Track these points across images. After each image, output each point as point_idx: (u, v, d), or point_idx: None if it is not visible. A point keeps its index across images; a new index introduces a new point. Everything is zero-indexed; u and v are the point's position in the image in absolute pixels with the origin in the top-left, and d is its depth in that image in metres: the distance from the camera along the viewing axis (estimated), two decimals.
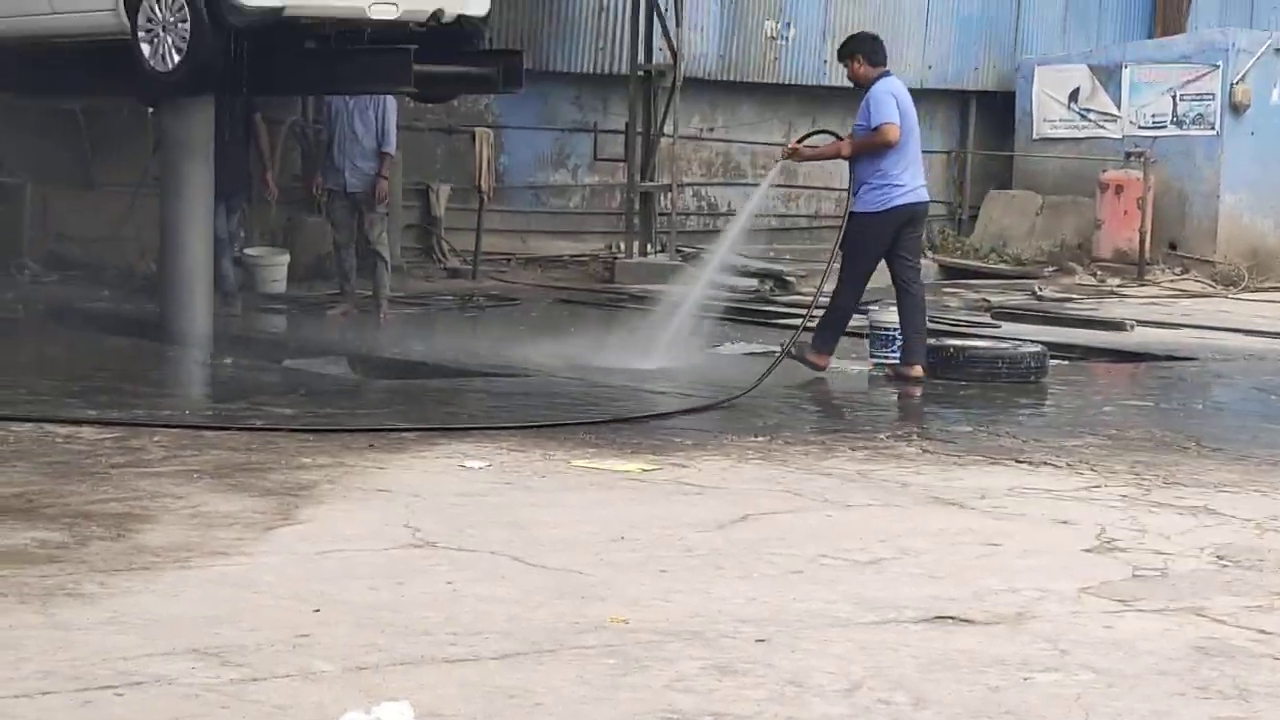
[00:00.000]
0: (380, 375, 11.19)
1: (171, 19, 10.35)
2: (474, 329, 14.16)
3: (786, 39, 19.65)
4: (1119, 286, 18.08)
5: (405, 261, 16.57)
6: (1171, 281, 18.51)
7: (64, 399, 9.10)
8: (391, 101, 13.49)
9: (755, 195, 13.14)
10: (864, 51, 11.16)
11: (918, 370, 10.95)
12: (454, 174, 17.60)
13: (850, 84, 11.50)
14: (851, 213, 11.09)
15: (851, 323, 11.47)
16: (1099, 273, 18.77)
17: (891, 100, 11.01)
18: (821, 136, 11.87)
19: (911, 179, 11.14)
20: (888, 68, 11.24)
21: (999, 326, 14.27)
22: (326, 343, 12.89)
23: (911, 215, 11.18)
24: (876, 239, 11.07)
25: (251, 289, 14.76)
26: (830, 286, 11.41)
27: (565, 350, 11.93)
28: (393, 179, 16.38)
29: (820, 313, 11.31)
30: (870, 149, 10.99)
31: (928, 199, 11.44)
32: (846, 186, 11.29)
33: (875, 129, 10.90)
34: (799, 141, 12.06)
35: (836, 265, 11.26)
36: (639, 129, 17.75)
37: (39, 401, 8.94)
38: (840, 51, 11.50)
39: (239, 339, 12.27)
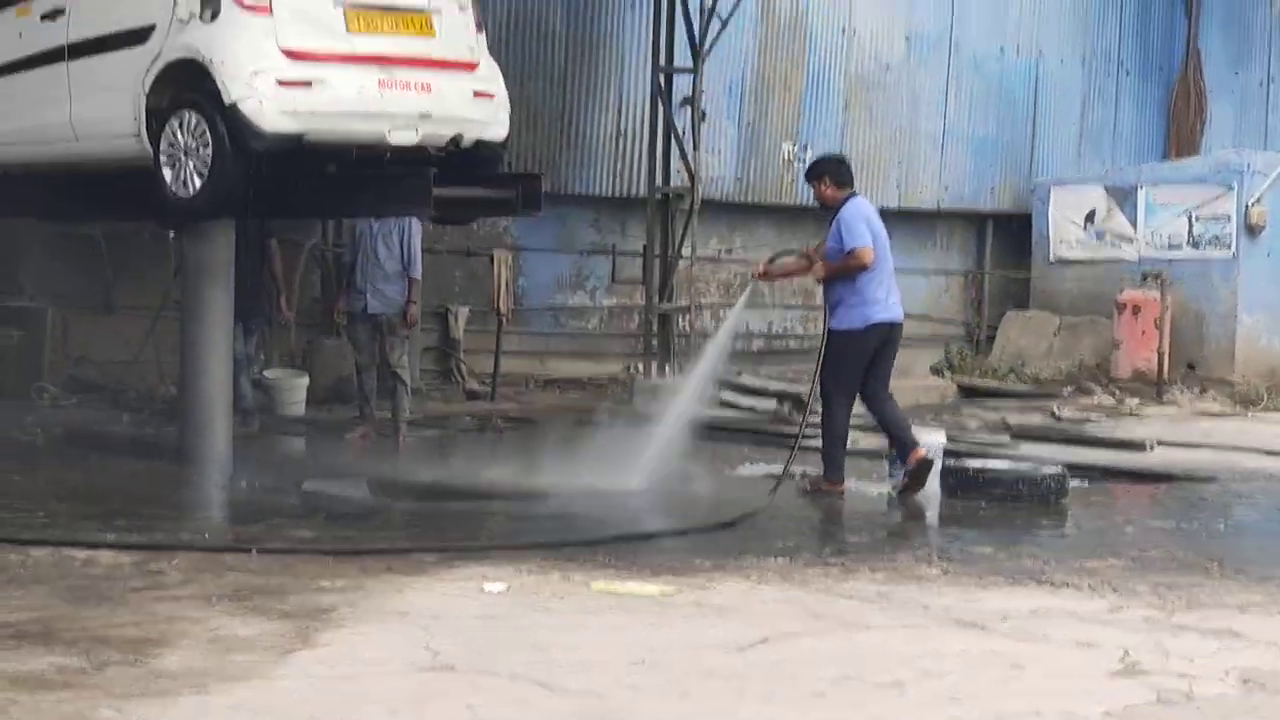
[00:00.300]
0: (399, 498, 11.17)
1: (193, 144, 10.44)
2: (492, 451, 14.14)
3: (803, 161, 19.74)
4: (1138, 407, 18.03)
5: (424, 384, 16.60)
6: (1190, 402, 18.46)
7: (82, 523, 9.09)
8: (416, 225, 13.58)
9: (729, 319, 13.20)
10: (830, 173, 11.46)
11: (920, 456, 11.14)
12: (473, 296, 17.68)
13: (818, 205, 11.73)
14: (832, 331, 11.29)
15: (867, 443, 11.51)
16: (1118, 393, 18.73)
17: (863, 223, 11.27)
18: (789, 255, 12.09)
19: (887, 296, 11.41)
20: (855, 189, 11.55)
21: (1018, 447, 14.23)
22: (345, 465, 12.88)
23: (889, 333, 11.44)
24: (858, 356, 11.30)
25: (271, 411, 14.78)
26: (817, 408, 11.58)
27: (583, 472, 11.91)
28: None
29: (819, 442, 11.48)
30: (845, 272, 11.23)
31: (903, 317, 11.67)
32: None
33: (849, 253, 11.16)
34: (768, 263, 12.24)
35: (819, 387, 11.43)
36: (657, 251, 17.82)
37: (57, 525, 8.94)
38: (807, 174, 11.78)
39: (258, 461, 12.27)
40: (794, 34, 19.64)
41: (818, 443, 11.69)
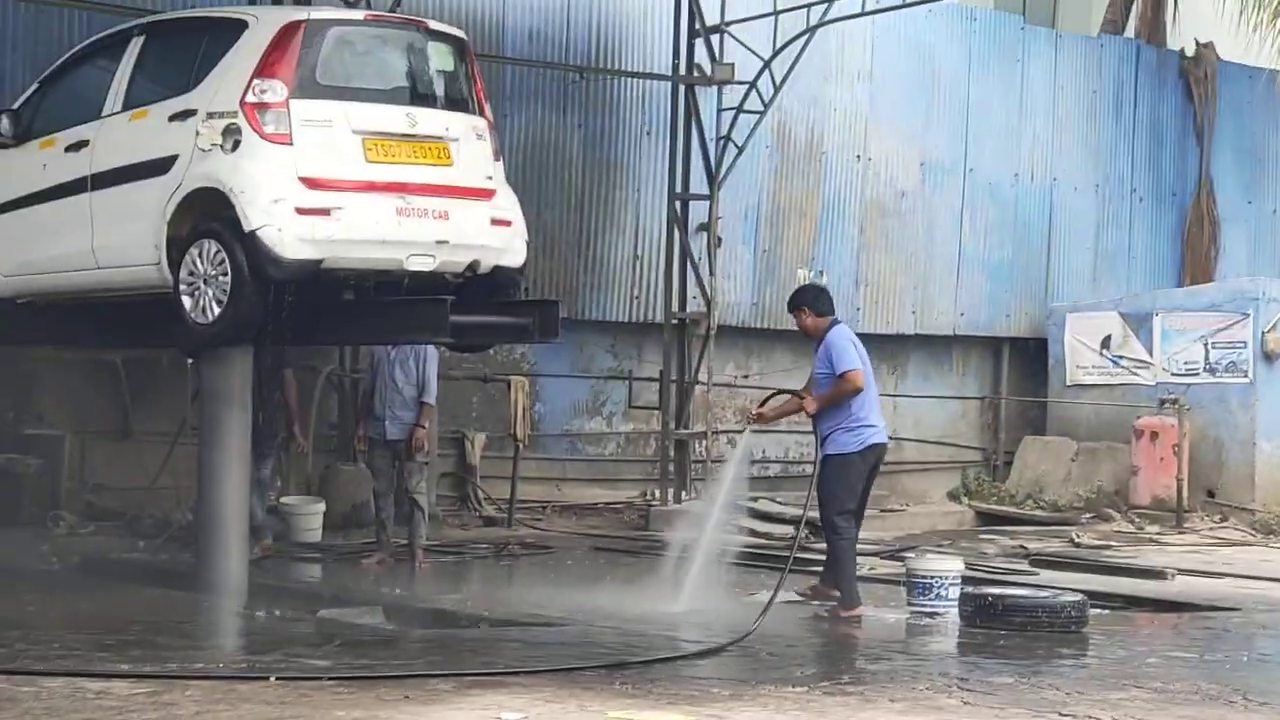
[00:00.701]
0: (416, 625, 11.11)
1: (213, 272, 10.52)
2: (509, 577, 14.09)
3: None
4: (1158, 534, 17.94)
5: (441, 509, 16.57)
6: (1210, 529, 18.36)
7: (97, 653, 9.04)
8: (432, 351, 13.65)
9: (730, 467, 13.17)
10: (809, 304, 11.84)
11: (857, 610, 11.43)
12: (490, 422, 17.69)
13: (799, 329, 12.04)
14: (828, 456, 11.52)
15: (885, 569, 11.53)
16: (1137, 519, 18.64)
17: (851, 346, 11.59)
18: (781, 397, 12.23)
19: (878, 419, 11.78)
20: (836, 316, 11.88)
21: (1037, 574, 14.14)
22: (362, 592, 12.83)
23: (880, 456, 11.87)
24: (858, 476, 11.65)
25: (287, 538, 14.75)
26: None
27: (600, 598, 11.87)
28: (430, 427, 16.52)
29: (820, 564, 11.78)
30: (839, 398, 11.49)
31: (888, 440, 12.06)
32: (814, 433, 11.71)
33: (841, 376, 11.43)
34: (761, 406, 12.42)
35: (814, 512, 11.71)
36: (674, 376, 17.86)
37: (71, 656, 8.89)
38: (789, 305, 12.10)
39: (274, 589, 12.22)
40: (810, 161, 19.78)
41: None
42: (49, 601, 11.76)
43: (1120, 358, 20.50)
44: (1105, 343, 20.61)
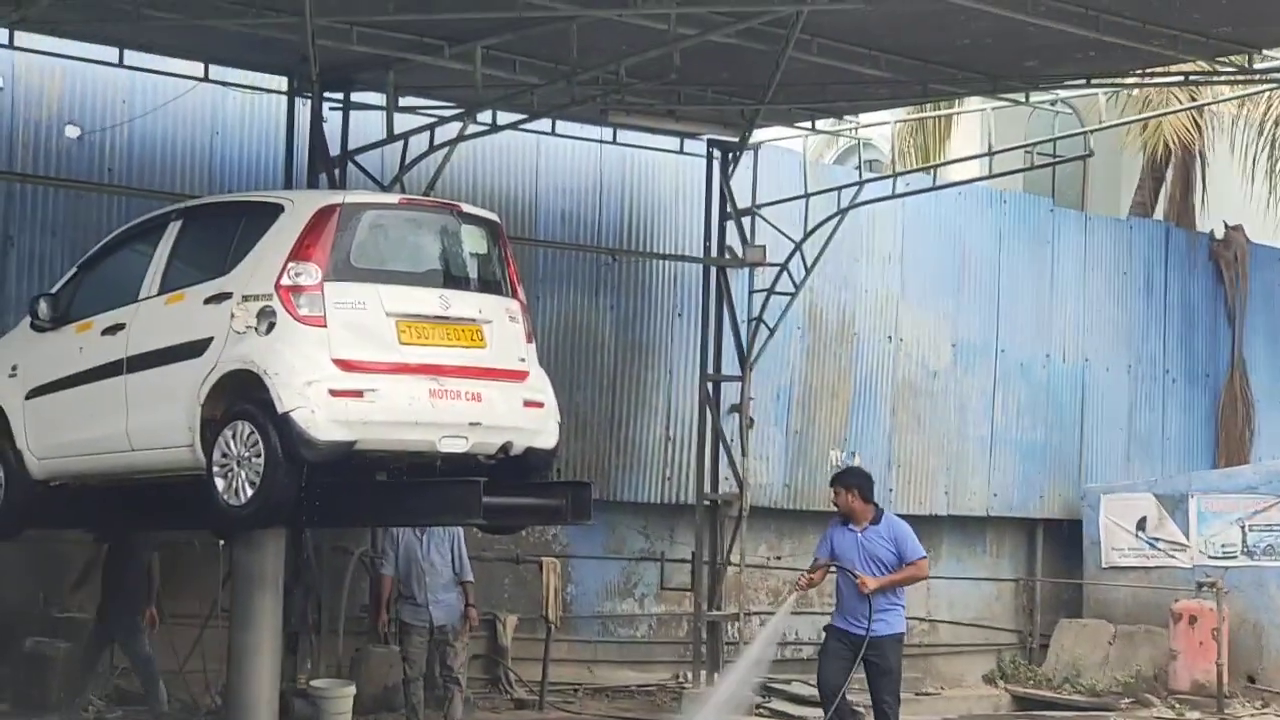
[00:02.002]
0: None
1: (246, 454, 10.52)
2: None
3: None
4: None
5: (471, 692, 16.40)
6: (1252, 716, 18.06)
7: None
8: (460, 529, 13.66)
9: (771, 626, 13.35)
10: (859, 486, 12.32)
11: None
12: (521, 604, 17.58)
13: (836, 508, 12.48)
14: (895, 634, 12.18)
15: None
16: (1177, 705, 18.36)
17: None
18: (841, 571, 12.39)
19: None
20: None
21: None
22: None
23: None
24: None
25: None
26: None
27: None
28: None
29: None
30: (908, 583, 12.40)
31: None
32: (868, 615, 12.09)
33: (914, 564, 12.19)
34: (811, 573, 12.62)
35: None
36: (706, 558, 17.76)
37: None
38: (835, 480, 12.51)
39: None
40: (841, 341, 19.85)
41: None
42: None
43: (1156, 540, 20.34)
44: (1140, 524, 20.46)
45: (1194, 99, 20.85)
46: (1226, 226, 23.08)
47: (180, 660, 14.89)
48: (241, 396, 10.55)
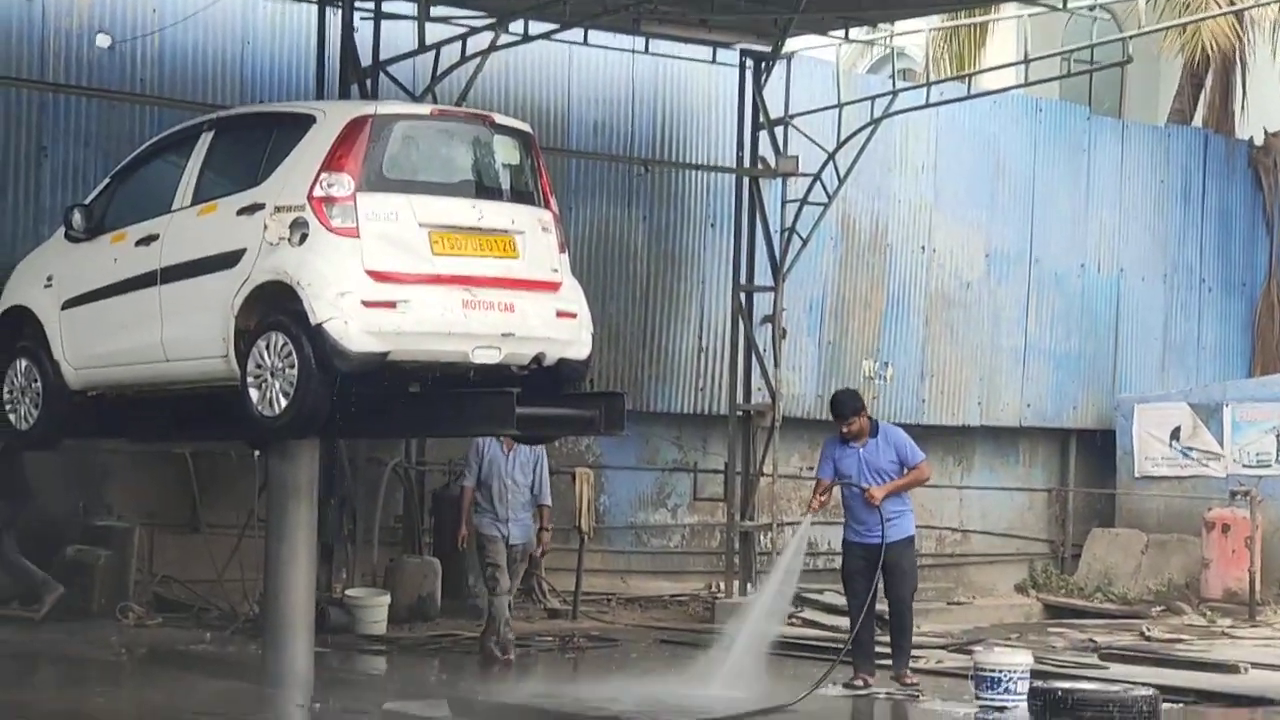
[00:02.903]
0: (481, 718, 11.05)
1: (279, 365, 10.55)
2: (575, 671, 14.02)
3: (884, 378, 19.81)
4: (1230, 627, 17.68)
5: None
6: None
7: None
8: (544, 451, 13.73)
9: (784, 558, 13.33)
10: (863, 407, 12.77)
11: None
12: (555, 514, 17.62)
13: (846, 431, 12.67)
14: (907, 537, 12.55)
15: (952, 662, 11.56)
16: (1209, 613, 18.40)
17: None
18: (847, 486, 12.69)
19: None
20: None
21: (1107, 668, 13.95)
22: (427, 686, 12.80)
23: None
24: None
25: (352, 630, 14.75)
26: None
27: (665, 692, 11.80)
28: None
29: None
30: (913, 486, 12.78)
31: None
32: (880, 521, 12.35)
33: (917, 467, 12.60)
34: (821, 494, 12.84)
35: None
36: (739, 468, 17.81)
37: None
38: (848, 410, 12.67)
39: (340, 681, 12.21)
40: (874, 252, 19.79)
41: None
42: (118, 693, 11.82)
43: (1190, 449, 20.31)
44: (1175, 434, 20.43)
45: (1234, 3, 20.61)
46: (1266, 133, 22.88)
47: (218, 569, 15.03)
48: (275, 307, 10.57)
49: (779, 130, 17.51)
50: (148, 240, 11.43)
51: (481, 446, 13.71)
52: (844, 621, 16.42)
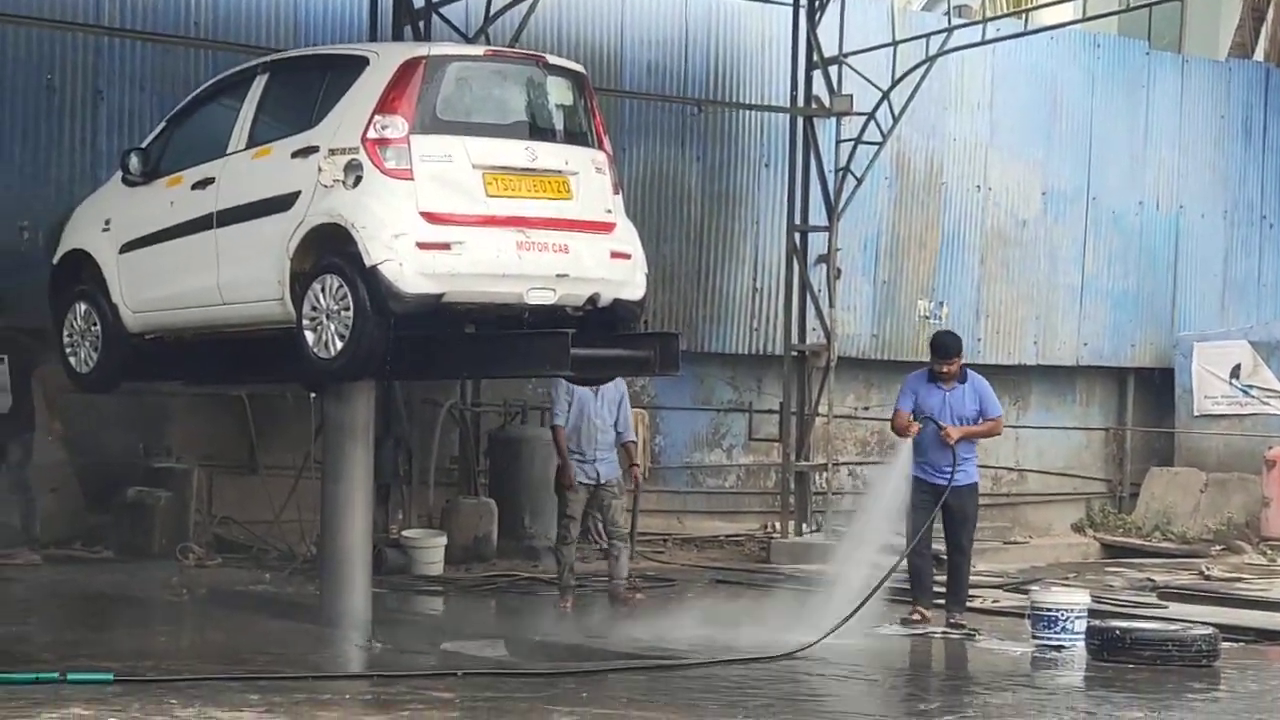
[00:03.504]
0: (538, 658, 11.11)
1: (335, 307, 10.58)
2: (631, 610, 14.06)
3: (939, 318, 19.73)
4: None
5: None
6: None
7: (226, 683, 9.13)
8: (626, 388, 13.67)
9: (896, 472, 13.15)
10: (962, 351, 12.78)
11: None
12: None
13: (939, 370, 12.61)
14: (973, 483, 12.66)
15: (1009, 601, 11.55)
16: (1269, 551, 18.30)
17: None
18: (927, 423, 12.63)
19: None
20: None
21: (1166, 607, 13.90)
22: (484, 625, 12.87)
23: None
24: None
25: (409, 571, 14.84)
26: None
27: (722, 633, 11.84)
28: (549, 462, 16.55)
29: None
30: (985, 437, 12.98)
31: None
32: (951, 466, 12.37)
33: (994, 419, 12.71)
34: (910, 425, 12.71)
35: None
36: (793, 409, 17.80)
37: (201, 685, 8.98)
38: (956, 349, 12.70)
39: (397, 622, 12.29)
40: (929, 191, 19.70)
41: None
42: (179, 632, 11.94)
43: (1250, 387, 20.16)
44: (1235, 372, 20.29)
45: None
46: None
47: (276, 511, 15.14)
48: (330, 250, 10.60)
49: (833, 69, 17.41)
50: (203, 183, 11.46)
51: (570, 385, 13.32)
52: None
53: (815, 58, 17.42)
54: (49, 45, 14.98)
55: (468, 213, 10.54)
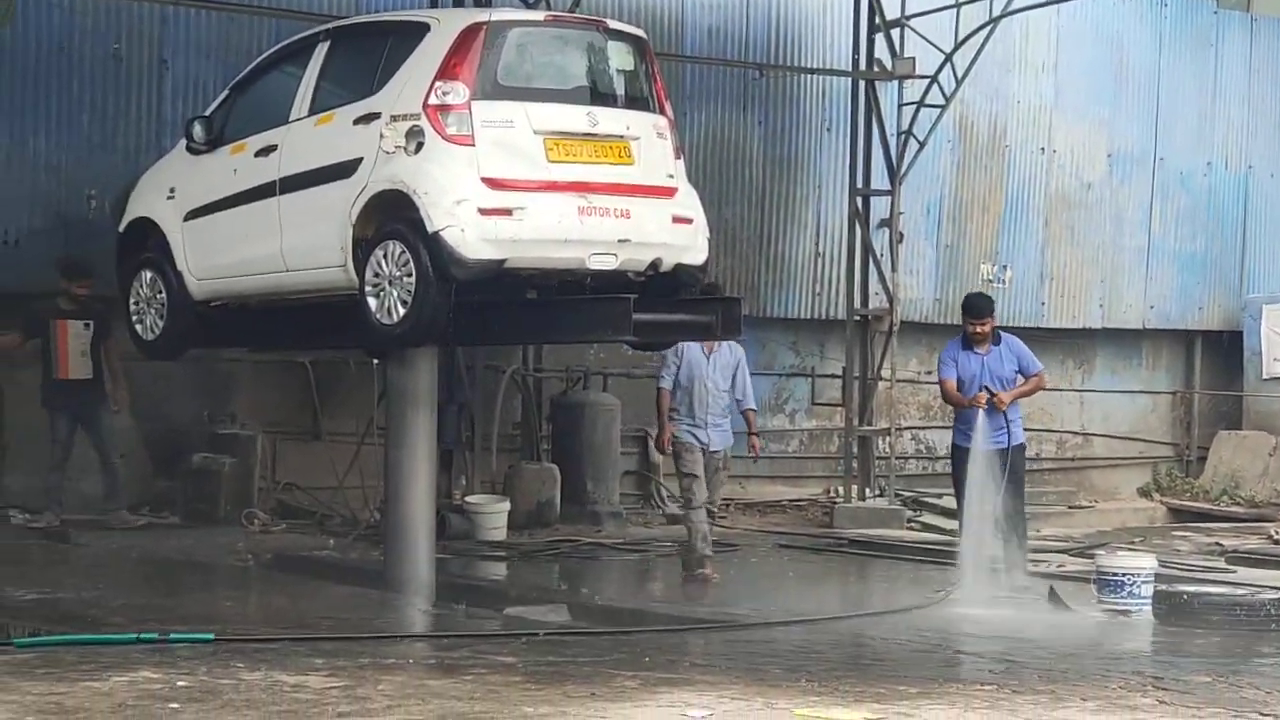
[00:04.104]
0: (602, 623, 11.14)
1: (397, 273, 10.61)
2: (706, 587, 14.06)
3: (1003, 282, 19.62)
4: None
5: (624, 507, 16.62)
6: None
7: (292, 647, 9.20)
8: (743, 352, 13.28)
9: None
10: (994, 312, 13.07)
11: None
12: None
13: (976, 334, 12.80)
14: (1021, 444, 12.83)
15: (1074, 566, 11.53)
16: None
17: None
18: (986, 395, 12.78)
19: None
20: None
21: (1234, 571, 13.81)
22: (547, 590, 12.91)
23: None
24: None
25: (472, 536, 14.90)
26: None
27: (785, 598, 11.85)
28: (611, 427, 16.57)
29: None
30: (1033, 393, 13.11)
31: None
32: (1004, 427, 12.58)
33: (1037, 375, 12.89)
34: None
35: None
36: (856, 373, 17.75)
37: (267, 650, 9.05)
38: (988, 308, 12.95)
39: (460, 587, 12.35)
40: (992, 155, 19.56)
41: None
42: (245, 597, 12.04)
43: None
44: None
45: None
46: None
47: (339, 477, 15.22)
48: (392, 216, 10.63)
49: (895, 32, 17.30)
50: (266, 151, 11.51)
51: (680, 347, 12.78)
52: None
53: (877, 20, 17.31)
54: (115, 15, 15.05)
55: (529, 178, 10.55)
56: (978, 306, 12.94)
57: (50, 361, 14.26)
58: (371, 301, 10.76)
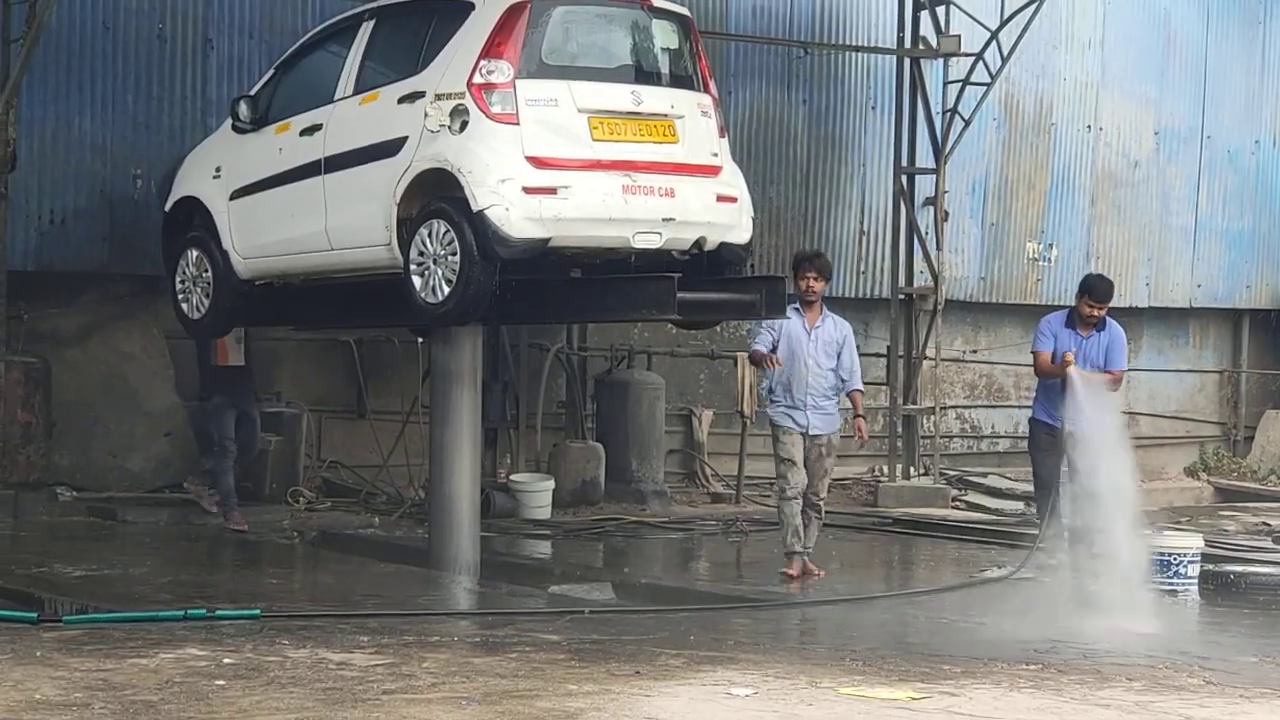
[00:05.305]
0: (646, 601, 11.15)
1: (442, 252, 10.63)
2: (738, 554, 14.08)
3: (1048, 260, 19.53)
4: None
5: (669, 486, 16.63)
6: None
7: (337, 624, 9.25)
8: (850, 330, 12.34)
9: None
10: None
11: None
12: (717, 399, 17.70)
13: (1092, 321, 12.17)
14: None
15: None
16: None
17: None
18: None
19: None
20: None
21: None
22: (591, 569, 12.93)
23: None
24: None
25: (517, 514, 14.93)
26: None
27: (830, 578, 11.83)
28: (655, 405, 16.56)
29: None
30: (1112, 387, 12.06)
31: None
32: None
33: (1117, 373, 12.06)
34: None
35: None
36: (901, 352, 17.71)
37: (312, 628, 9.10)
38: (1110, 295, 12.25)
39: (505, 565, 12.38)
40: (1038, 132, 19.46)
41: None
42: (290, 574, 12.10)
43: None
44: None
45: None
46: None
47: (384, 455, 15.27)
48: (437, 195, 10.65)
49: (940, 9, 17.22)
50: (311, 130, 11.54)
51: (773, 323, 11.72)
52: (1009, 504, 16.42)
53: None
54: None
55: (573, 157, 10.55)
56: (1101, 290, 12.15)
57: (208, 351, 14.02)
58: (416, 280, 10.78)
